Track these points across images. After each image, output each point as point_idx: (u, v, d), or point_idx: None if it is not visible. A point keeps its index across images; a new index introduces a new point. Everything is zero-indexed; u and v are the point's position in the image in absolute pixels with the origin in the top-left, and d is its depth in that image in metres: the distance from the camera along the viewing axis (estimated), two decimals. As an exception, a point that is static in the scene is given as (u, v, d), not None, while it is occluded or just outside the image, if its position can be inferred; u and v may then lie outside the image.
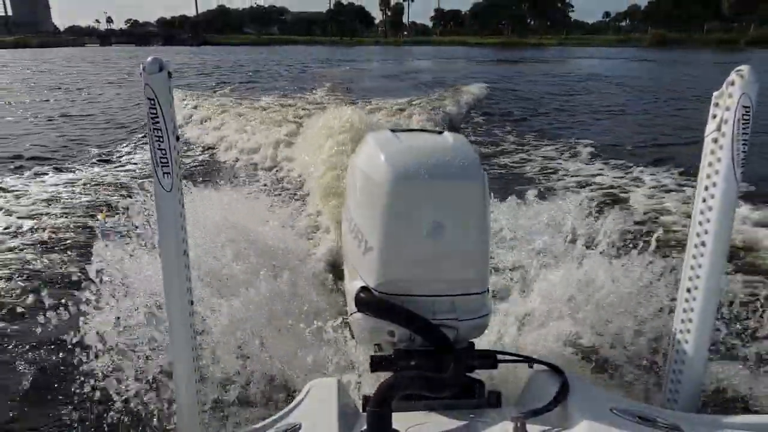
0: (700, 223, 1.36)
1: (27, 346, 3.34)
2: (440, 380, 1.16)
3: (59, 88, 21.58)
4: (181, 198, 1.24)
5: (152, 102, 1.14)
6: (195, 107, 13.46)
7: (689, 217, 4.00)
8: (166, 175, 1.18)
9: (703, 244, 1.35)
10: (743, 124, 1.26)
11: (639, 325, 3.26)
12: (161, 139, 1.16)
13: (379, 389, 1.10)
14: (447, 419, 1.13)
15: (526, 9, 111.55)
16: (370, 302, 1.28)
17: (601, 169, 8.02)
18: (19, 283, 4.35)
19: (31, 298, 3.99)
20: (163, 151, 1.17)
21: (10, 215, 6.19)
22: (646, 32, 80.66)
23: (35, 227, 5.74)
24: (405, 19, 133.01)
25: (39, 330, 3.14)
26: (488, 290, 1.37)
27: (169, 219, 1.23)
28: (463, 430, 1.08)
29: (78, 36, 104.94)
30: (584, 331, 3.30)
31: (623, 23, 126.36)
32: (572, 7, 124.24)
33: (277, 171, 7.90)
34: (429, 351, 1.24)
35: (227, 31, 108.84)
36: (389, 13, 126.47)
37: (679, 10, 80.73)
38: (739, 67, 1.27)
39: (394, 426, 1.04)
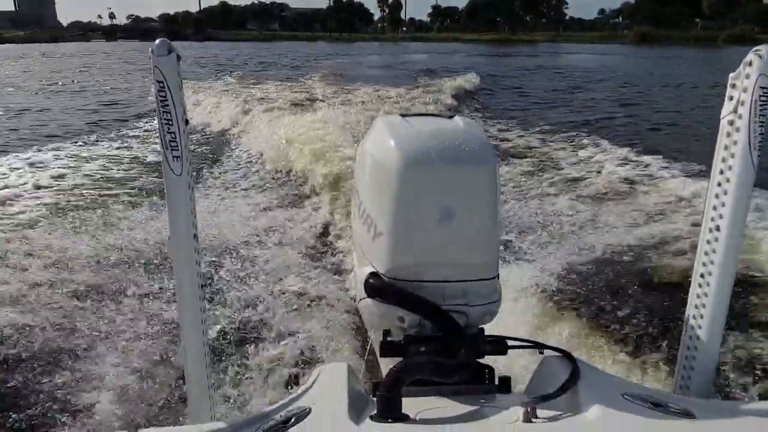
0: (715, 208, 1.33)
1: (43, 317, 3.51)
2: (450, 365, 1.17)
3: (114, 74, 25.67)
4: (191, 182, 1.25)
5: (161, 85, 1.15)
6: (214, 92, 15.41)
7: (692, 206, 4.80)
8: (176, 159, 1.20)
9: (717, 228, 1.32)
10: (761, 105, 1.22)
11: (653, 310, 3.38)
12: (170, 123, 1.17)
13: (390, 374, 1.11)
14: (457, 404, 1.13)
15: (518, 6, 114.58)
16: (379, 288, 1.29)
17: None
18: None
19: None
20: (173, 135, 1.18)
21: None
22: (632, 29, 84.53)
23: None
24: (403, 15, 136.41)
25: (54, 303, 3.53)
26: (498, 276, 1.36)
27: (179, 203, 1.24)
28: (473, 415, 1.08)
29: (84, 31, 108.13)
30: (598, 319, 3.39)
31: (617, 20, 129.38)
32: (566, 4, 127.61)
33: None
34: (439, 337, 1.25)
35: (229, 27, 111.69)
36: (386, 10, 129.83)
37: (670, 8, 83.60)
38: (757, 47, 1.23)
39: (404, 411, 1.05)
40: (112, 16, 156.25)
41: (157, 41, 1.16)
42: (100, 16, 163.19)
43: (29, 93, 19.12)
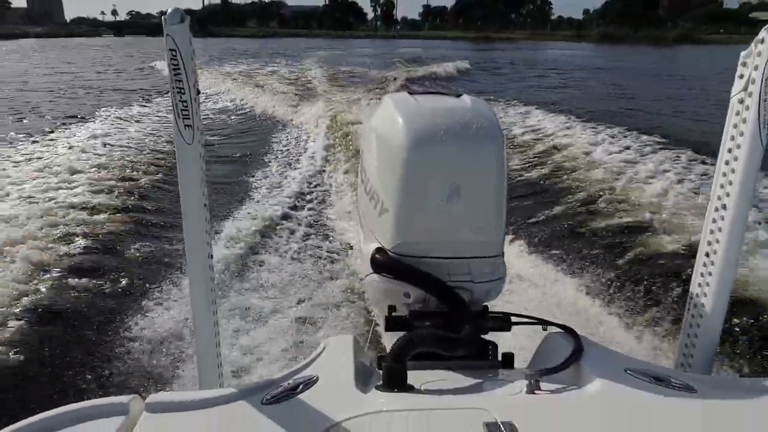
0: (722, 186, 1.32)
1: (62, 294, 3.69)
2: (455, 338, 1.16)
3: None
4: (202, 151, 1.25)
5: (173, 53, 1.14)
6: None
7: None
8: (187, 127, 1.19)
9: (724, 207, 1.32)
10: None
11: (657, 287, 3.60)
12: (182, 92, 1.17)
13: (395, 345, 1.12)
14: (461, 377, 1.15)
15: (503, 6, 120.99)
16: (385, 263, 1.30)
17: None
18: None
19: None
20: (185, 104, 1.18)
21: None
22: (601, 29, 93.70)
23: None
24: (396, 13, 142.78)
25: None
26: (503, 254, 1.36)
27: (190, 172, 1.24)
28: (477, 387, 1.09)
29: (94, 27, 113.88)
30: (603, 296, 3.61)
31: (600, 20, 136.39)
32: (550, 4, 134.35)
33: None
34: (444, 312, 1.26)
35: (230, 24, 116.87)
36: (379, 11, 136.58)
37: (633, 9, 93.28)
38: None
39: (409, 382, 1.06)
40: (114, 12, 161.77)
41: (170, 10, 1.15)
42: (103, 13, 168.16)
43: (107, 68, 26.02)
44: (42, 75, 22.88)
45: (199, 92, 1.21)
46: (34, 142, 8.90)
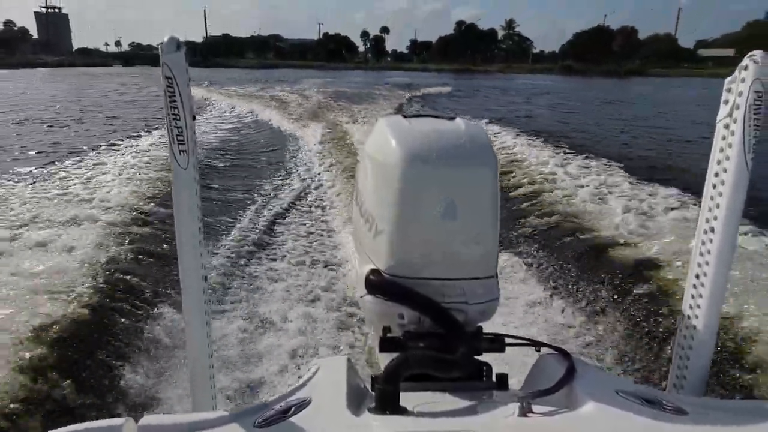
0: (710, 209, 1.35)
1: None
2: (448, 360, 1.16)
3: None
4: (196, 175, 1.26)
5: (169, 81, 1.16)
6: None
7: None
8: (182, 153, 1.21)
9: (712, 230, 1.34)
10: (755, 109, 1.25)
11: (648, 311, 3.63)
12: (178, 118, 1.19)
13: (389, 366, 1.11)
14: (454, 399, 1.13)
15: (480, 41, 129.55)
16: (380, 285, 1.29)
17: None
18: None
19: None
20: (180, 130, 1.19)
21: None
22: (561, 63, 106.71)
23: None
24: (386, 46, 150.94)
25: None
26: (497, 275, 1.36)
27: (184, 196, 1.25)
28: (470, 409, 1.08)
29: (105, 58, 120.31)
30: (594, 317, 3.64)
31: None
32: (530, 40, 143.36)
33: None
34: (438, 333, 1.25)
35: (230, 56, 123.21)
36: (368, 45, 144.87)
37: (590, 47, 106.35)
38: (752, 52, 1.25)
39: (402, 404, 1.05)
40: (118, 43, 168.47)
41: (166, 38, 1.17)
42: (107, 44, 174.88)
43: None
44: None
45: (194, 118, 1.24)
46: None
